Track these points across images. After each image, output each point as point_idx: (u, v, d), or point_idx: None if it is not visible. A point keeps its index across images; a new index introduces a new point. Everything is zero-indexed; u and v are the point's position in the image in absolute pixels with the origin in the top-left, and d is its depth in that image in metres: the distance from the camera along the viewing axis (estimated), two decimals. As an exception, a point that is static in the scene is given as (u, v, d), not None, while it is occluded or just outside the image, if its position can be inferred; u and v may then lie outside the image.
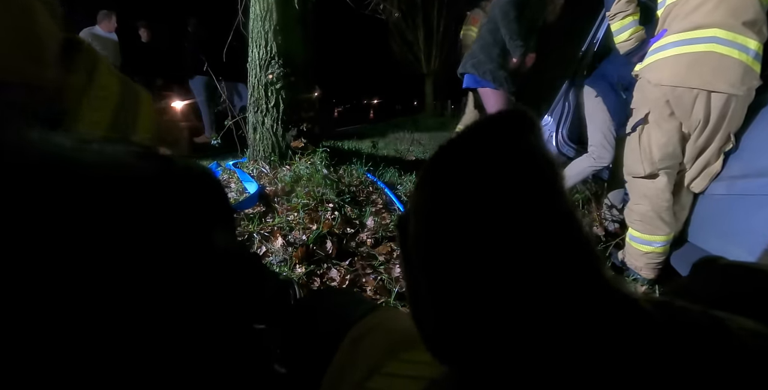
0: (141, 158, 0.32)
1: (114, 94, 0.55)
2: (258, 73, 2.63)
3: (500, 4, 2.17)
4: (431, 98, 13.84)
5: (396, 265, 1.50)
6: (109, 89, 0.54)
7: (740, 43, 1.28)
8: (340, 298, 0.66)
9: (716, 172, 1.47)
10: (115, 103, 0.55)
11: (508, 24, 2.15)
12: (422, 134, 5.70)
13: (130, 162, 0.31)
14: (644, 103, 1.48)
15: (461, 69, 2.44)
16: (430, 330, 0.22)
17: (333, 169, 2.44)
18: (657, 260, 1.52)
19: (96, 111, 0.52)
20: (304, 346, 0.54)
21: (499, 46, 2.25)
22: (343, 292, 0.99)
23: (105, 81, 0.54)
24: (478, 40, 2.36)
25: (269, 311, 0.57)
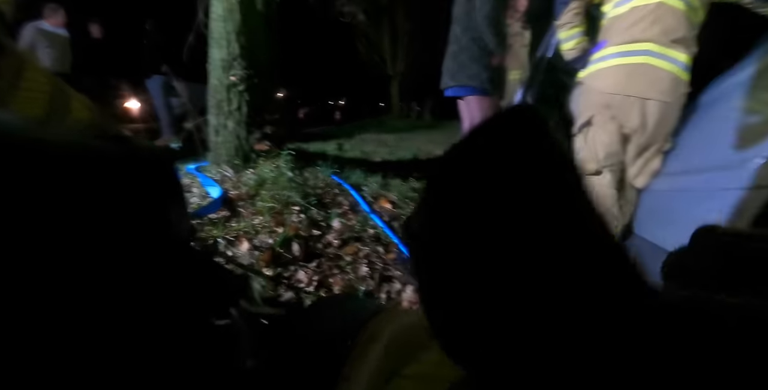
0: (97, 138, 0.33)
1: (43, 96, 0.54)
2: (220, 75, 2.58)
3: (483, 14, 2.25)
4: (397, 100, 13.96)
5: (363, 264, 1.53)
6: (36, 91, 0.54)
7: (671, 56, 1.43)
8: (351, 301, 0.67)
9: (656, 170, 1.61)
10: (44, 106, 0.55)
11: (492, 28, 2.25)
12: (388, 135, 5.76)
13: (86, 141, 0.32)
14: (588, 108, 1.61)
15: (452, 82, 2.43)
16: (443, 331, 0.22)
17: (298, 171, 2.44)
18: (606, 252, 1.63)
19: (22, 113, 0.51)
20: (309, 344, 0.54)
21: (485, 55, 2.32)
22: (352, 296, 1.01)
23: (32, 83, 0.53)
24: (463, 52, 2.37)
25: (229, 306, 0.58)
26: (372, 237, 1.73)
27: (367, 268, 1.49)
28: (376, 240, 1.71)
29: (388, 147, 4.36)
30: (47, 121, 0.54)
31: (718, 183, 1.25)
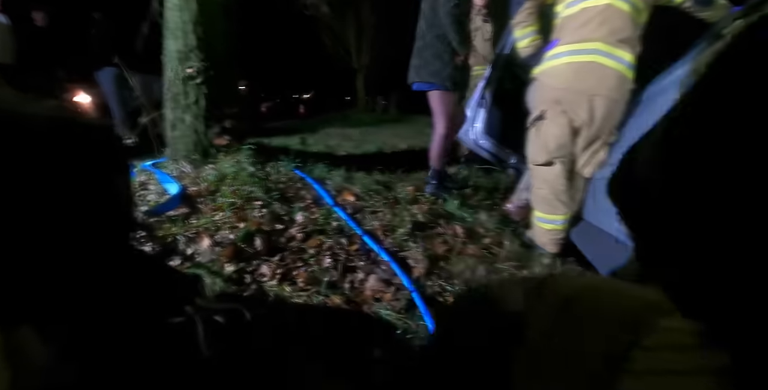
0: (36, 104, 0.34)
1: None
2: (176, 67, 2.49)
3: (444, 11, 2.31)
4: (363, 93, 13.90)
5: (326, 256, 1.54)
6: None
7: (617, 55, 1.54)
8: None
9: (603, 160, 1.71)
10: None
11: (454, 27, 2.32)
12: (353, 129, 5.75)
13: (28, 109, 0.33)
14: (541, 102, 1.71)
15: (416, 78, 2.51)
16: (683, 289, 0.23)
17: (260, 166, 2.41)
18: (559, 236, 1.74)
19: None
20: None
21: (448, 52, 2.39)
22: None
23: None
24: (426, 49, 2.45)
25: (183, 305, 0.59)
26: (335, 229, 1.75)
27: (331, 260, 1.51)
28: (340, 232, 1.73)
29: (352, 141, 4.36)
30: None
31: (652, 171, 1.35)
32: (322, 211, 1.90)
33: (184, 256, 1.58)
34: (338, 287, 1.39)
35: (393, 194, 2.24)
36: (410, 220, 1.85)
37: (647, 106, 1.62)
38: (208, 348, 0.57)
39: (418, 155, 3.96)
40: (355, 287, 1.40)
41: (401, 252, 1.63)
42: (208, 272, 1.48)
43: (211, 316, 0.63)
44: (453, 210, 2.09)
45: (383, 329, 1.18)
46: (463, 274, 1.48)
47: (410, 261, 1.56)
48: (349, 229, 1.76)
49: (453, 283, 1.42)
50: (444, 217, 1.98)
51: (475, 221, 1.99)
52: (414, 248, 1.63)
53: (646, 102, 1.62)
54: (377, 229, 1.78)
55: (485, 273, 1.49)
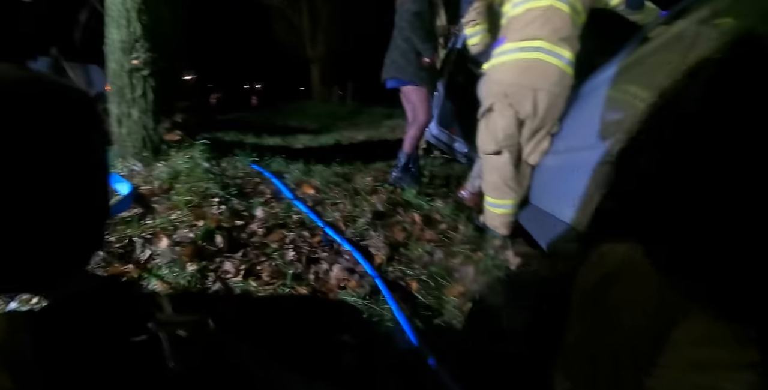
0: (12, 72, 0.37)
1: None
2: (119, 58, 2.35)
3: (406, 17, 2.52)
4: (318, 84, 13.67)
5: (289, 249, 1.57)
6: None
7: (558, 53, 1.67)
8: None
9: (546, 149, 1.85)
10: None
11: (416, 32, 2.51)
12: (311, 121, 5.70)
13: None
14: (489, 96, 1.83)
15: (385, 75, 2.71)
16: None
17: (215, 162, 2.36)
18: (509, 219, 1.87)
19: None
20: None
21: (413, 52, 2.58)
22: None
23: None
24: (395, 49, 2.65)
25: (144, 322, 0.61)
26: (297, 222, 1.78)
27: (294, 253, 1.54)
28: (301, 225, 1.76)
29: (309, 133, 4.33)
30: None
31: (588, 159, 1.48)
32: (282, 205, 1.91)
33: (142, 259, 1.55)
34: (303, 279, 1.43)
35: (352, 185, 2.28)
36: (370, 209, 1.91)
37: (585, 101, 1.76)
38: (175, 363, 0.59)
39: (376, 146, 4.02)
40: (320, 277, 1.44)
41: (363, 241, 1.69)
42: (170, 272, 1.47)
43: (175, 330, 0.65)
44: (411, 198, 2.17)
45: (350, 315, 1.24)
46: (421, 259, 1.57)
47: (372, 249, 1.62)
48: (310, 222, 1.79)
49: (413, 267, 1.51)
50: (402, 206, 2.06)
51: (432, 208, 2.08)
52: (375, 236, 1.69)
53: (584, 97, 1.76)
54: (338, 220, 1.83)
55: (442, 256, 1.59)
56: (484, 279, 1.42)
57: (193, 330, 0.65)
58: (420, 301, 1.33)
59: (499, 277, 1.44)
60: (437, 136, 3.20)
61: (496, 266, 1.52)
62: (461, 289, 1.37)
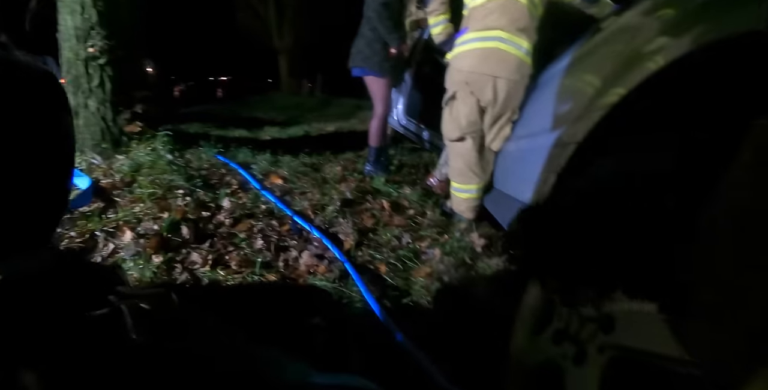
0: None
1: None
2: (74, 46, 2.24)
3: (373, 7, 2.52)
4: (286, 76, 13.41)
5: (258, 238, 1.57)
6: None
7: (516, 42, 1.74)
8: None
9: (508, 135, 1.92)
10: None
11: (383, 22, 2.51)
12: (278, 113, 5.61)
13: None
14: (452, 84, 1.89)
15: (351, 64, 2.72)
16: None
17: (178, 153, 2.31)
18: (474, 204, 1.94)
19: None
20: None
21: (380, 42, 2.58)
22: None
23: None
24: (361, 38, 2.65)
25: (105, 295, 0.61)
26: (264, 212, 1.77)
27: (263, 242, 1.55)
28: (270, 214, 1.76)
29: (277, 125, 4.28)
30: None
31: (544, 143, 1.55)
32: (249, 196, 1.90)
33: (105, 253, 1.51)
34: (273, 266, 1.43)
35: (321, 175, 2.29)
36: (339, 197, 1.93)
37: (543, 89, 1.83)
38: (137, 335, 0.60)
39: (345, 137, 4.02)
40: (290, 265, 1.45)
41: (332, 228, 1.71)
42: (134, 265, 1.44)
43: (137, 303, 0.66)
44: (379, 186, 2.20)
45: (320, 298, 1.27)
46: (390, 243, 1.61)
47: (341, 235, 1.65)
48: (279, 211, 1.79)
49: (382, 251, 1.54)
50: (371, 194, 2.09)
51: (401, 195, 2.12)
52: (344, 223, 1.72)
53: (542, 85, 1.83)
54: (307, 209, 1.84)
55: (410, 240, 1.63)
56: (450, 260, 1.47)
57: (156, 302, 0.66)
58: (389, 282, 1.37)
59: (465, 258, 1.50)
60: (405, 125, 3.24)
61: (461, 248, 1.57)
62: (428, 271, 1.42)
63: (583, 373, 0.64)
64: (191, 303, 1.17)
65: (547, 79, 1.79)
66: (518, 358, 0.90)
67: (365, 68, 2.65)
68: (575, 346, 0.69)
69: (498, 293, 1.32)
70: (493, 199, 1.97)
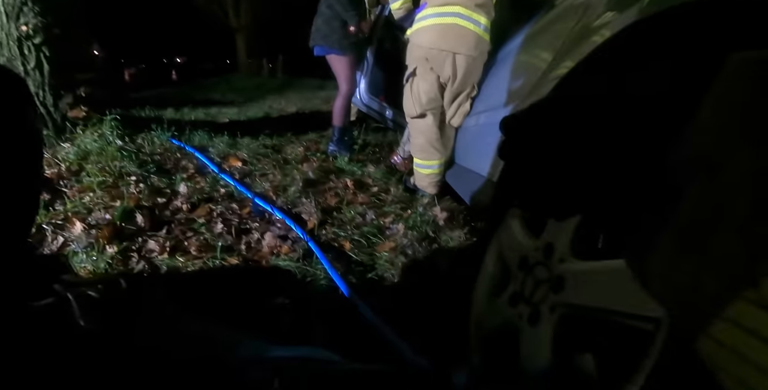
0: None
1: None
2: (5, 25, 2.04)
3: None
4: (245, 56, 12.84)
5: (217, 222, 1.53)
6: None
7: (475, 19, 1.73)
8: None
9: (467, 111, 1.94)
10: None
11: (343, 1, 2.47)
12: (237, 95, 5.40)
13: None
14: (412, 61, 1.87)
15: (312, 42, 2.65)
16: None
17: (129, 138, 2.19)
18: (436, 179, 1.96)
19: None
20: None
21: (338, 19, 2.52)
22: None
23: None
24: (319, 16, 2.58)
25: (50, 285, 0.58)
26: (224, 196, 1.72)
27: (223, 225, 1.51)
28: (229, 198, 1.71)
29: (236, 107, 4.12)
30: None
31: (499, 116, 1.58)
32: (207, 180, 1.84)
33: (54, 247, 1.43)
34: (234, 250, 1.41)
35: (282, 156, 2.24)
36: (301, 178, 1.90)
37: (500, 65, 1.85)
38: (86, 323, 0.58)
39: (308, 117, 3.93)
40: (252, 247, 1.43)
41: (295, 208, 1.69)
42: (87, 257, 1.38)
43: (84, 290, 0.63)
44: (343, 165, 2.18)
45: (284, 278, 1.26)
46: (354, 220, 1.61)
47: (304, 215, 1.63)
48: (239, 194, 1.75)
49: (346, 229, 1.54)
50: (334, 173, 2.06)
51: (364, 174, 2.11)
52: (307, 203, 1.70)
53: (499, 62, 1.85)
54: (269, 191, 1.80)
55: (374, 217, 1.64)
56: (413, 234, 1.49)
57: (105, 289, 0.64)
58: (353, 259, 1.37)
59: (428, 231, 1.52)
60: (368, 104, 3.19)
61: (425, 222, 1.59)
62: (392, 245, 1.43)
63: (536, 331, 0.67)
64: (144, 289, 1.14)
65: (504, 56, 1.81)
66: (478, 322, 0.94)
67: (325, 46, 2.59)
68: (530, 307, 0.72)
69: (460, 263, 1.35)
70: (454, 174, 1.99)
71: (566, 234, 0.69)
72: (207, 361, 0.62)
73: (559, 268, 0.67)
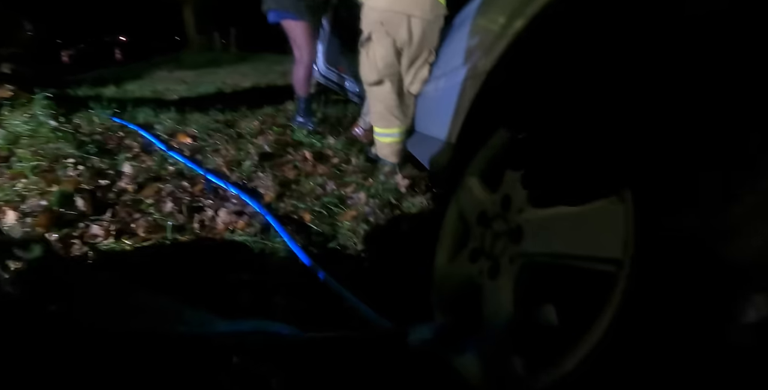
0: None
1: None
2: None
3: None
4: (194, 32, 12.05)
5: (167, 201, 1.44)
6: None
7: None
8: None
9: (425, 78, 1.89)
10: None
11: None
12: (187, 72, 5.09)
13: None
14: (367, 25, 1.80)
15: (264, 6, 2.47)
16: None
17: (64, 119, 2.01)
18: (397, 148, 1.93)
19: None
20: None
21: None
22: None
23: None
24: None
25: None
26: (173, 173, 1.62)
27: (173, 205, 1.42)
28: (179, 175, 1.61)
29: (185, 84, 3.88)
30: None
31: (457, 78, 1.54)
32: (154, 158, 1.73)
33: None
34: (186, 229, 1.33)
35: (236, 130, 2.13)
36: (257, 152, 1.81)
37: (456, 30, 1.80)
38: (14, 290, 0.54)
39: (264, 92, 3.76)
40: (206, 225, 1.36)
41: (250, 183, 1.61)
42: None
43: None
44: (301, 138, 2.10)
45: (242, 254, 1.21)
46: (314, 192, 1.55)
47: (261, 189, 1.56)
48: (189, 171, 1.65)
49: (305, 200, 1.49)
50: (292, 146, 1.98)
51: (324, 146, 2.04)
52: (263, 177, 1.62)
53: (456, 27, 1.80)
54: (222, 166, 1.71)
55: (335, 187, 1.59)
56: (375, 202, 1.46)
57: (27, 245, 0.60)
58: (314, 230, 1.33)
59: (390, 199, 1.49)
60: (326, 75, 3.07)
61: (386, 190, 1.56)
62: (354, 214, 1.40)
63: (497, 284, 0.66)
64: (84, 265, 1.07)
65: (460, 21, 1.77)
66: (440, 282, 0.93)
67: (279, 11, 2.40)
68: (490, 261, 0.71)
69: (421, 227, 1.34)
70: (415, 142, 1.96)
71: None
72: (143, 334, 0.59)
73: (517, 218, 0.66)
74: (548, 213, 0.60)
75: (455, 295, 0.87)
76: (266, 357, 0.73)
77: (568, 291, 0.58)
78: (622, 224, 0.43)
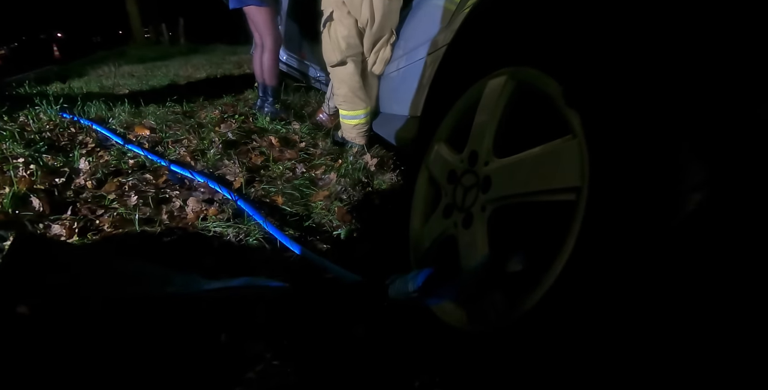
0: None
1: None
2: None
3: None
4: (139, 24, 11.39)
5: (131, 195, 1.39)
6: None
7: None
8: None
9: (388, 58, 1.90)
10: None
11: None
12: (135, 66, 4.84)
13: None
14: (328, 5, 1.79)
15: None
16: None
17: (7, 117, 1.89)
18: (364, 129, 1.94)
19: None
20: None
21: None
22: None
23: None
24: None
25: None
26: (134, 167, 1.56)
27: (137, 198, 1.37)
28: (141, 168, 1.56)
29: (135, 78, 3.70)
30: None
31: (418, 55, 1.56)
32: (112, 152, 1.65)
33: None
34: (155, 221, 1.30)
35: (196, 121, 2.06)
36: (220, 140, 1.77)
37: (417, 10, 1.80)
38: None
39: (221, 82, 3.64)
40: (175, 215, 1.33)
41: (217, 171, 1.58)
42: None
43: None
44: (265, 125, 2.06)
45: (215, 239, 1.19)
46: (284, 176, 1.54)
47: (228, 176, 1.53)
48: (151, 164, 1.59)
49: (276, 184, 1.48)
50: (256, 133, 1.95)
51: (289, 131, 2.02)
52: (230, 164, 1.60)
53: (416, 7, 1.80)
54: (185, 156, 1.66)
55: (305, 170, 1.59)
56: (346, 180, 1.47)
57: None
58: (288, 211, 1.33)
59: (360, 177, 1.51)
60: (287, 62, 2.99)
61: (356, 169, 1.58)
62: (326, 193, 1.40)
63: (472, 232, 0.70)
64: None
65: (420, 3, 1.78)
66: (416, 242, 0.97)
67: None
68: (462, 213, 0.75)
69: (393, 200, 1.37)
70: (381, 123, 1.98)
71: (488, 138, 0.72)
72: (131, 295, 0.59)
73: (484, 170, 0.70)
74: (512, 159, 0.64)
75: (432, 251, 0.91)
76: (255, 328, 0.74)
77: (536, 226, 0.63)
78: (577, 157, 0.47)
